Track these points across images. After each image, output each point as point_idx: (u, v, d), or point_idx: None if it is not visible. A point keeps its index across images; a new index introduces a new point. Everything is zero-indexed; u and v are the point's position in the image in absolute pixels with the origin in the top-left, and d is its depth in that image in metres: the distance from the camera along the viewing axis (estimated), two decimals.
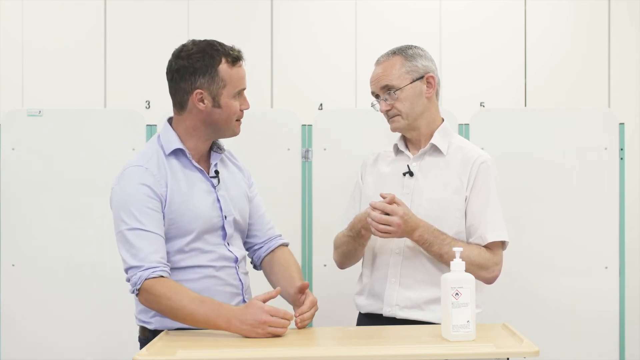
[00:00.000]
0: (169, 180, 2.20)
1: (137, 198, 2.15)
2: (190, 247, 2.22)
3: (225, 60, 2.21)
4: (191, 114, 2.24)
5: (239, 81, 2.24)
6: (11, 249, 3.15)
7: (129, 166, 2.21)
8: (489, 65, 4.34)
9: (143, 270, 2.11)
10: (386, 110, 2.41)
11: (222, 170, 2.34)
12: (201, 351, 1.91)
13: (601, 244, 3.14)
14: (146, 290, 2.11)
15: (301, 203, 3.20)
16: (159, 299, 2.09)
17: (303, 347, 2.00)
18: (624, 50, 4.34)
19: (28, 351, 3.14)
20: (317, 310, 2.23)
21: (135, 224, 2.14)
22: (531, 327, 2.55)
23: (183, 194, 2.21)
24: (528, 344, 1.89)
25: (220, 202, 2.27)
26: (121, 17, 4.36)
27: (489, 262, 2.33)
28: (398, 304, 2.36)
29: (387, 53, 2.45)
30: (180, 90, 2.23)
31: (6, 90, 4.30)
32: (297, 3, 4.41)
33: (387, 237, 2.29)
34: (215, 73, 2.20)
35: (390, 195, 2.27)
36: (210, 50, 2.22)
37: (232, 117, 2.25)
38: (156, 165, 2.21)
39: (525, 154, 3.16)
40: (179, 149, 2.24)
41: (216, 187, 2.28)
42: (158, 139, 2.28)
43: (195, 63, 2.20)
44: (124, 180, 2.19)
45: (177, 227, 2.20)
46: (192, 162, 2.25)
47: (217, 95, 2.21)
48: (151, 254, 2.12)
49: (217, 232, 2.27)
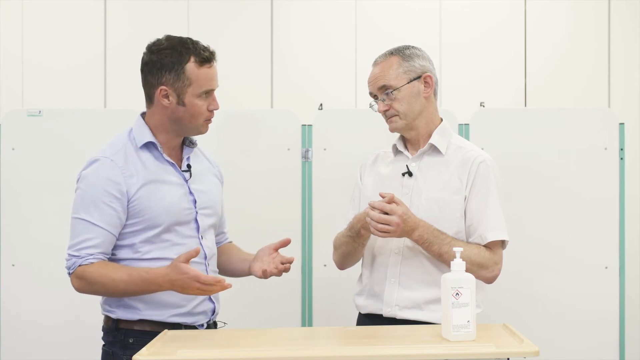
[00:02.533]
0: (137, 172, 2.22)
1: (95, 190, 2.20)
2: (161, 239, 2.24)
3: (194, 59, 2.22)
4: (157, 109, 2.27)
5: (206, 81, 2.24)
6: (11, 249, 3.15)
7: (97, 156, 2.25)
8: (488, 64, 4.33)
9: (79, 258, 2.18)
10: (384, 110, 2.41)
11: (195, 164, 2.35)
12: (201, 351, 1.91)
13: (601, 244, 3.14)
14: (78, 275, 2.19)
15: (301, 203, 3.20)
16: (90, 285, 2.18)
17: (303, 347, 2.00)
18: (624, 50, 4.33)
19: (28, 351, 3.14)
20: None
21: (85, 216, 2.20)
22: (531, 327, 2.56)
23: (152, 186, 2.23)
24: (528, 344, 1.89)
25: (193, 195, 2.29)
26: (121, 16, 4.35)
27: (489, 261, 2.33)
28: (398, 304, 2.36)
29: (384, 53, 2.45)
30: (148, 84, 2.27)
31: (6, 89, 4.30)
32: (297, 3, 4.40)
33: (387, 236, 2.29)
34: (182, 71, 2.22)
35: (390, 194, 2.27)
36: (180, 47, 2.23)
37: (197, 117, 2.26)
38: (123, 157, 2.23)
39: (525, 154, 3.16)
40: (151, 142, 2.26)
41: (188, 180, 2.29)
42: (130, 132, 2.30)
43: (164, 59, 2.22)
44: (90, 169, 2.23)
45: (145, 218, 2.22)
46: (163, 155, 2.27)
47: (181, 94, 2.23)
48: (91, 247, 2.18)
49: (190, 224, 2.28)
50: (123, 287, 2.17)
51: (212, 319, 2.36)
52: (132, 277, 2.16)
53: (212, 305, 2.34)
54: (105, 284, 2.17)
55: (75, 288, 2.23)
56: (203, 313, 2.31)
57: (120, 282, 2.16)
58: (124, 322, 2.24)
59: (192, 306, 2.27)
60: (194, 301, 2.27)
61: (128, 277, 2.16)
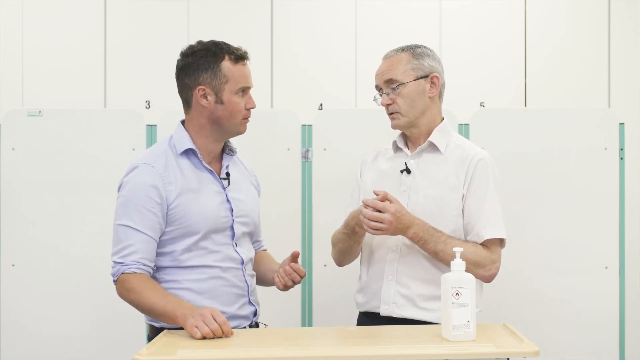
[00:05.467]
0: (176, 179, 2.23)
1: (138, 196, 2.20)
2: (198, 246, 2.25)
3: (229, 57, 2.26)
4: (196, 111, 2.28)
5: (242, 78, 2.28)
6: (11, 249, 3.15)
7: (138, 162, 2.26)
8: (489, 65, 4.33)
9: (122, 265, 2.18)
10: (387, 104, 2.42)
11: (234, 172, 2.36)
12: (201, 351, 1.91)
13: (601, 243, 3.14)
14: (120, 283, 2.19)
15: (301, 203, 3.20)
16: (128, 292, 2.18)
17: (303, 347, 2.00)
18: (624, 50, 4.33)
19: (28, 351, 3.14)
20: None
21: (128, 222, 2.20)
22: (531, 327, 2.56)
23: (191, 194, 2.24)
24: (528, 344, 1.89)
25: (230, 203, 2.29)
26: (121, 17, 4.35)
27: (486, 260, 2.32)
28: (395, 302, 2.36)
29: (395, 49, 2.46)
30: (185, 87, 2.28)
31: (6, 89, 4.30)
32: (297, 3, 4.40)
33: (380, 234, 2.29)
34: (218, 69, 2.25)
35: (383, 192, 2.28)
36: (214, 48, 2.27)
37: (235, 115, 2.28)
38: (163, 164, 2.24)
39: (526, 154, 3.16)
40: (190, 149, 2.28)
41: (226, 188, 2.30)
42: (170, 139, 2.32)
43: (199, 60, 2.26)
44: (131, 176, 2.24)
45: (184, 226, 2.23)
46: (202, 163, 2.28)
47: (219, 91, 2.25)
48: (134, 253, 2.18)
49: (225, 232, 2.29)
50: (152, 302, 2.14)
51: (254, 321, 2.37)
52: (167, 298, 2.14)
53: (253, 308, 2.35)
54: (140, 294, 2.16)
55: (118, 294, 2.22)
56: (245, 317, 2.32)
57: (152, 297, 2.14)
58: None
59: (234, 309, 2.27)
60: (235, 305, 2.28)
61: (162, 297, 2.15)
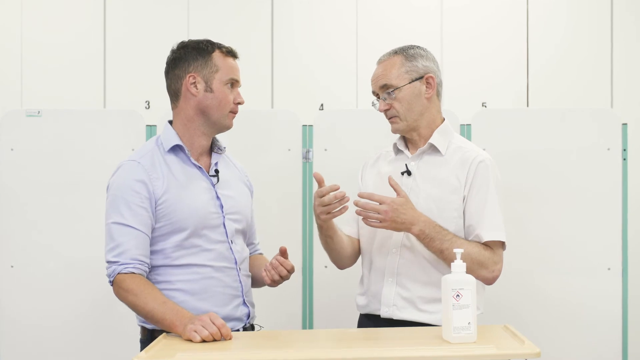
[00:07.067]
0: (163, 175, 2.23)
1: (126, 192, 2.21)
2: (190, 243, 2.24)
3: (219, 51, 2.30)
4: (185, 102, 2.29)
5: (231, 70, 2.31)
6: (10, 250, 3.14)
7: (123, 162, 2.28)
8: (490, 64, 4.32)
9: (118, 265, 2.17)
10: (384, 109, 2.41)
11: (224, 170, 2.36)
12: (200, 354, 1.90)
13: (604, 244, 3.12)
14: (117, 284, 2.17)
15: (302, 204, 3.19)
16: (126, 293, 2.15)
17: (303, 350, 1.99)
18: (627, 50, 4.32)
19: (28, 352, 3.13)
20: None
21: (118, 218, 2.19)
22: (533, 328, 2.55)
23: (178, 190, 2.23)
24: (529, 345, 1.89)
25: (220, 200, 2.29)
26: (121, 17, 4.35)
27: (489, 260, 2.31)
28: (396, 304, 2.35)
29: (388, 52, 2.44)
30: (175, 78, 2.30)
31: (5, 89, 4.29)
32: (298, 2, 4.40)
33: (379, 226, 2.28)
34: (209, 58, 2.28)
35: (393, 181, 2.28)
36: (204, 43, 2.31)
37: (224, 106, 2.29)
38: (150, 161, 2.25)
39: (528, 154, 3.14)
40: (178, 146, 2.28)
41: (215, 185, 2.29)
42: (157, 138, 2.33)
43: (189, 52, 2.29)
44: (118, 174, 2.25)
45: (172, 222, 2.22)
46: (190, 159, 2.28)
47: (209, 80, 2.27)
48: (128, 251, 2.17)
49: (218, 229, 2.28)
50: (151, 307, 2.12)
51: (248, 323, 2.35)
52: (166, 305, 2.12)
53: (246, 310, 2.33)
54: (138, 297, 2.14)
55: (115, 295, 2.20)
56: (238, 319, 2.31)
57: (151, 301, 2.12)
58: (159, 332, 2.19)
59: (227, 310, 2.26)
60: (229, 305, 2.27)
61: (162, 303, 2.12)
